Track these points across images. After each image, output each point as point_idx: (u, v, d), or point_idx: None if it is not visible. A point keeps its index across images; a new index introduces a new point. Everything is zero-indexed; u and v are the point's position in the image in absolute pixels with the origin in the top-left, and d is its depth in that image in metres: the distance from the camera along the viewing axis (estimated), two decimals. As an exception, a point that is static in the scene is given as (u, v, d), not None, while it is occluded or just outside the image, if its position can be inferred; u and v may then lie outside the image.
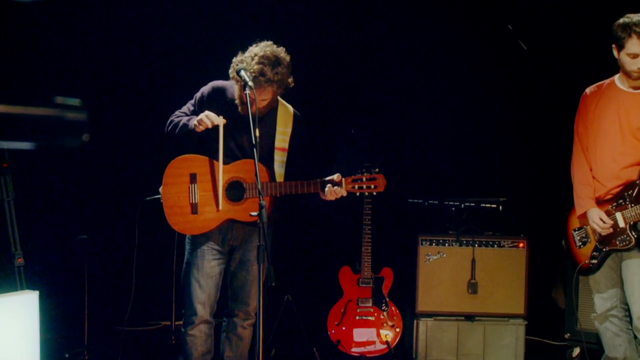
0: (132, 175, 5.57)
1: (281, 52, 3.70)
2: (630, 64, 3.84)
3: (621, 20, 3.82)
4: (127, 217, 4.75)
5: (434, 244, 5.06)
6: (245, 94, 3.51)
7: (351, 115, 5.92)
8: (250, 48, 3.71)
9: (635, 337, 4.01)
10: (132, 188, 5.36)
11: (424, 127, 5.98)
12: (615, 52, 3.90)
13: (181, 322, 3.98)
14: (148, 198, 4.31)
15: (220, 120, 3.69)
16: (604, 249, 3.99)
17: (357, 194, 3.83)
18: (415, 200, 5.31)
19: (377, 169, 3.85)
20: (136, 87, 5.65)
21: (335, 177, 3.77)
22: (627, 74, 3.90)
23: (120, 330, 4.87)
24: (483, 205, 5.18)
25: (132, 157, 5.69)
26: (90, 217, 5.57)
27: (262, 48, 3.67)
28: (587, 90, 4.15)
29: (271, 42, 3.72)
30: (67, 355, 4.79)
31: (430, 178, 5.87)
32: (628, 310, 4.03)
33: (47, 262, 5.25)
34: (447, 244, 5.06)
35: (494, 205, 5.16)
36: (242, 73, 3.58)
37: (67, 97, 5.44)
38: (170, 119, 3.87)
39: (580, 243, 4.10)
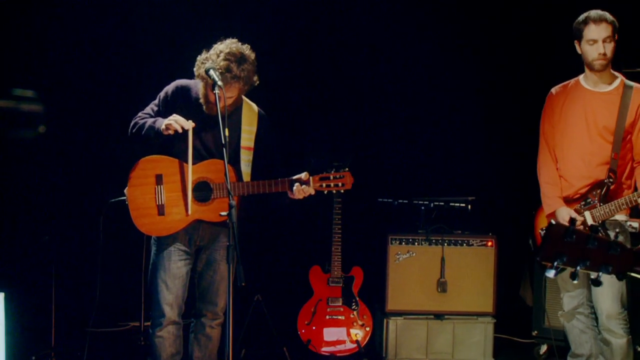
0: (98, 176, 5.51)
1: (246, 49, 3.70)
2: (592, 51, 3.89)
3: (580, 17, 3.93)
4: (93, 218, 4.70)
5: (403, 243, 5.07)
6: (214, 93, 3.50)
7: (320, 114, 5.92)
8: (215, 45, 3.70)
9: (600, 332, 4.04)
10: (98, 189, 5.29)
11: (394, 127, 6.00)
12: (577, 48, 3.97)
13: (149, 324, 3.95)
14: (113, 200, 4.26)
15: (189, 125, 3.66)
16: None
17: (325, 192, 3.82)
18: (385, 200, 5.31)
19: (347, 168, 3.85)
20: (101, 87, 5.59)
21: (303, 175, 3.76)
22: (590, 66, 3.93)
23: (88, 331, 4.81)
24: (452, 204, 5.20)
25: (97, 157, 5.62)
26: (57, 217, 5.49)
27: (227, 45, 3.67)
28: (553, 90, 4.18)
29: (236, 40, 3.72)
30: (33, 358, 4.73)
31: (399, 178, 5.88)
32: (594, 307, 4.07)
33: (12, 263, 5.18)
34: (416, 243, 5.08)
35: (463, 205, 5.18)
36: (212, 72, 3.55)
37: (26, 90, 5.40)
38: (134, 120, 3.81)
39: (548, 242, 4.12)
